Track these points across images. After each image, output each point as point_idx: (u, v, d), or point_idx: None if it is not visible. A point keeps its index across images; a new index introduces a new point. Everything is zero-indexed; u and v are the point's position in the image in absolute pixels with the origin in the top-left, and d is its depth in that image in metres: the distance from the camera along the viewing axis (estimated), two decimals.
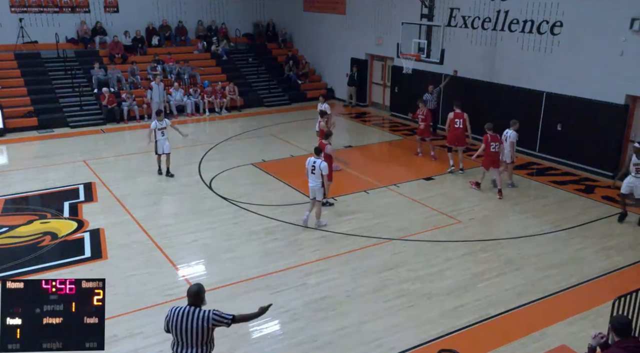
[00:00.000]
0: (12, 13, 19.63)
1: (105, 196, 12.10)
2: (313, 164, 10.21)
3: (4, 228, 10.44)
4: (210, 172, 13.68)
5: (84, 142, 16.52)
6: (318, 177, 10.18)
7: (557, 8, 14.15)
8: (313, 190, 10.38)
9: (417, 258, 9.37)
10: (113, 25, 21.42)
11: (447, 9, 17.09)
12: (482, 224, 10.82)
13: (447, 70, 16.92)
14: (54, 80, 19.31)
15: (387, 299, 8.11)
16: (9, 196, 11.90)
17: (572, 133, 13.89)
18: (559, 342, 7.06)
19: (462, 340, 7.11)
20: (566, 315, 7.72)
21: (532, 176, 13.65)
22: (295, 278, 8.67)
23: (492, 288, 8.44)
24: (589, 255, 9.59)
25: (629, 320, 5.35)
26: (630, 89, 12.90)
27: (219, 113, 20.27)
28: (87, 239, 10.04)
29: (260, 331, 7.39)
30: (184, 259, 9.38)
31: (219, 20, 23.59)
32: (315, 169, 10.17)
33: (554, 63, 14.43)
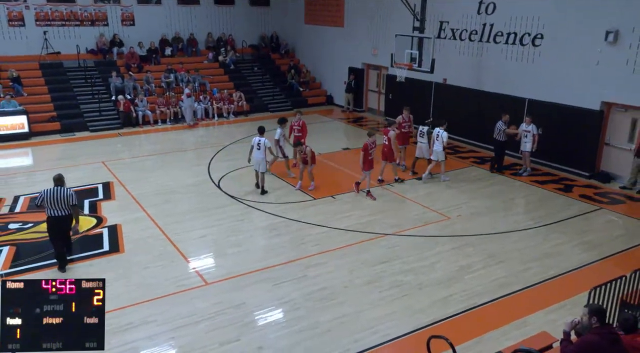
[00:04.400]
0: (37, 26, 19.63)
1: (122, 194, 12.10)
2: (258, 142, 11.82)
3: (29, 224, 10.45)
4: (219, 172, 13.67)
5: (102, 145, 16.51)
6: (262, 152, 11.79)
7: (538, 21, 14.14)
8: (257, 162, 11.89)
9: (410, 252, 9.37)
10: (129, 37, 21.40)
11: (437, 22, 17.08)
12: (469, 221, 10.81)
13: (437, 79, 16.92)
14: (75, 88, 19.30)
15: (382, 290, 8.12)
16: (34, 194, 11.90)
17: (552, 136, 13.89)
18: (539, 328, 7.05)
19: (451, 328, 7.12)
20: (546, 304, 7.73)
21: (516, 176, 13.65)
22: (296, 271, 8.67)
23: (478, 279, 8.45)
24: (567, 249, 9.59)
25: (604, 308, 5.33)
26: (605, 96, 12.90)
27: (227, 118, 20.26)
28: (106, 234, 10.05)
29: (265, 319, 7.39)
30: (194, 253, 9.38)
31: (227, 32, 23.59)
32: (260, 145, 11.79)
33: (535, 72, 14.42)
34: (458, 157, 15.38)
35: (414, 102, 16.22)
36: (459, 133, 16.56)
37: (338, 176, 13.54)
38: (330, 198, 11.91)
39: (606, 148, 13.39)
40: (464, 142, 16.50)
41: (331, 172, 14.05)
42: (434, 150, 12.82)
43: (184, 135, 18.38)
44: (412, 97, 17.57)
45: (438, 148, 12.67)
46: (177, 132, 18.47)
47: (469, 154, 15.73)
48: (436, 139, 12.69)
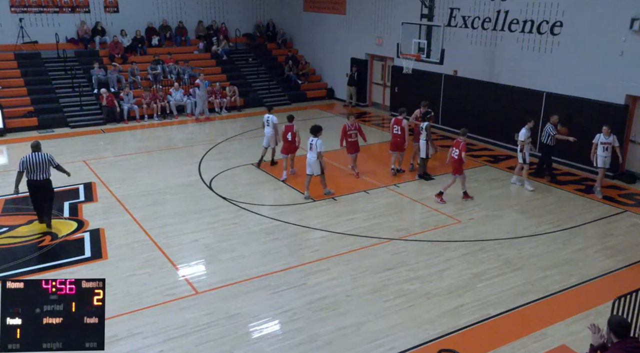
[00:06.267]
0: (12, 13, 19.65)
1: (105, 196, 12.11)
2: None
3: (4, 228, 10.44)
4: (210, 172, 13.68)
5: (84, 142, 16.53)
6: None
7: (557, 8, 14.16)
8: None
9: (417, 258, 9.38)
10: (113, 25, 21.44)
11: (447, 9, 17.10)
12: (482, 224, 10.82)
13: (447, 70, 16.94)
14: (54, 80, 19.33)
15: (387, 299, 8.12)
16: (9, 196, 11.89)
17: (572, 133, 13.87)
18: (558, 342, 7.06)
19: (462, 340, 7.11)
20: (566, 315, 7.72)
21: (532, 176, 13.64)
22: (295, 278, 8.68)
23: (492, 288, 8.45)
24: (588, 255, 9.59)
25: (627, 320, 5.33)
26: (630, 89, 12.91)
27: (219, 113, 20.27)
28: (87, 239, 10.04)
29: (260, 331, 7.39)
30: (184, 259, 9.38)
31: (219, 20, 23.60)
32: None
33: (554, 63, 14.43)
34: (470, 155, 15.37)
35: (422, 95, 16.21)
36: (471, 129, 16.53)
37: (339, 176, 13.53)
38: (331, 200, 11.92)
39: (631, 145, 13.40)
40: (476, 139, 16.51)
41: (332, 172, 14.05)
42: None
43: (172, 132, 18.39)
44: (420, 90, 17.58)
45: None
46: (165, 128, 18.50)
47: (482, 152, 15.75)
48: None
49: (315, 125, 11.91)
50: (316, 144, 11.56)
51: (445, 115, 17.69)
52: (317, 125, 11.91)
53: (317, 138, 11.64)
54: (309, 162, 11.76)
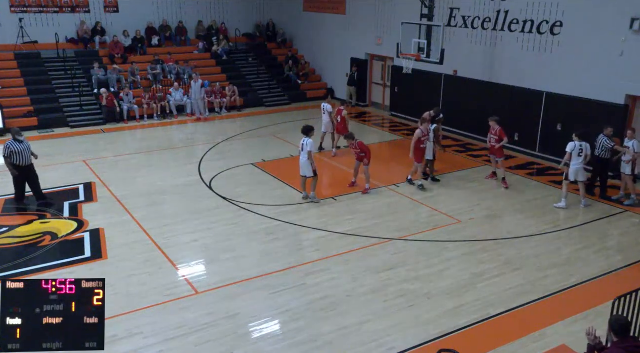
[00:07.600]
0: (12, 13, 19.65)
1: (105, 196, 12.11)
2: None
3: (4, 228, 10.45)
4: (210, 172, 13.68)
5: (84, 142, 16.53)
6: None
7: (557, 8, 14.16)
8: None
9: (417, 258, 9.38)
10: (113, 25, 21.43)
11: (447, 9, 17.10)
12: (482, 224, 10.82)
13: (447, 71, 16.94)
14: (54, 80, 19.32)
15: (387, 299, 8.12)
16: (9, 196, 11.90)
17: (572, 133, 13.86)
18: (558, 342, 7.06)
19: (462, 340, 7.12)
20: (566, 315, 7.72)
21: (532, 176, 13.66)
22: (295, 278, 8.68)
23: (492, 288, 8.45)
24: (588, 255, 9.60)
25: (627, 320, 5.35)
26: (630, 89, 12.91)
27: (219, 113, 20.27)
28: (87, 239, 10.05)
29: (260, 331, 7.39)
30: (184, 259, 9.38)
31: (219, 20, 23.60)
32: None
33: (554, 63, 14.43)
34: (469, 155, 15.40)
35: (422, 95, 16.21)
36: (471, 129, 16.60)
37: (339, 176, 13.54)
38: (331, 200, 11.92)
39: None
40: (476, 139, 16.50)
41: (332, 172, 14.07)
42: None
43: (172, 132, 18.40)
44: (420, 90, 17.59)
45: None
46: (165, 128, 18.50)
47: (482, 152, 15.73)
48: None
49: (306, 126, 11.81)
50: (307, 143, 11.41)
51: (445, 115, 17.63)
52: (309, 126, 11.82)
53: (309, 138, 11.52)
54: (301, 164, 11.61)
